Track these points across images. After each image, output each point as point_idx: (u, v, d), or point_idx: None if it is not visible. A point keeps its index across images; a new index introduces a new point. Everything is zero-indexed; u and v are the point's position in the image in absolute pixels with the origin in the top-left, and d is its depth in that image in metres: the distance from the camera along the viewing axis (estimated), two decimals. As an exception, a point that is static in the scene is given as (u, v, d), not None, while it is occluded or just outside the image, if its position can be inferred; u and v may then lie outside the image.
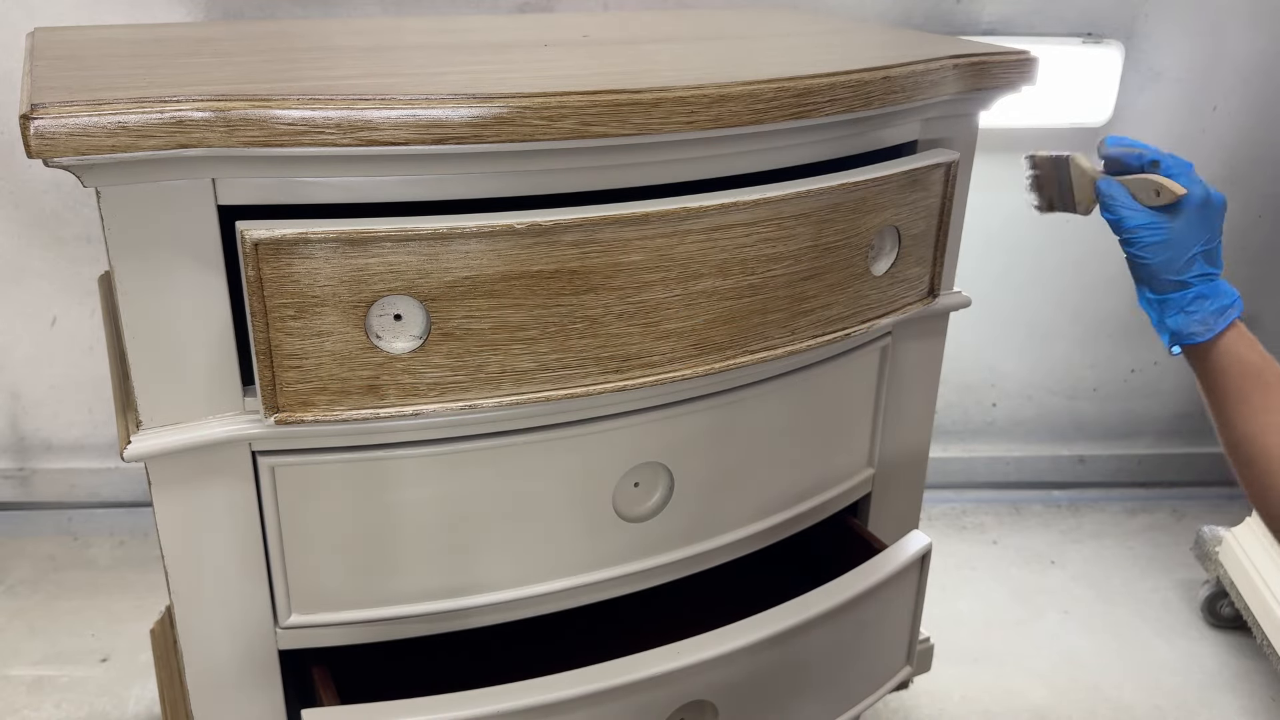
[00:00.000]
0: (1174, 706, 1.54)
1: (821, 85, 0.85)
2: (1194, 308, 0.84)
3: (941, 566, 1.81)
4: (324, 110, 0.72)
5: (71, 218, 1.71)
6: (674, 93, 0.79)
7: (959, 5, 1.75)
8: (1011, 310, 1.97)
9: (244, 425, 0.81)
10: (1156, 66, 1.81)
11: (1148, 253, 0.85)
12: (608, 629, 1.11)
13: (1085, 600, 1.75)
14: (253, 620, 0.88)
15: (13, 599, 1.68)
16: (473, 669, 1.05)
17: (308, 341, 0.77)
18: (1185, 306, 0.85)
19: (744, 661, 0.93)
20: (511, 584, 0.93)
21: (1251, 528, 1.61)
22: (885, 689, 1.10)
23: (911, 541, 1.05)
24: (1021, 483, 2.08)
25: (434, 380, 0.80)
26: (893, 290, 0.99)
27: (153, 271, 0.75)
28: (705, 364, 0.88)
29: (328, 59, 0.90)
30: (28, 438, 1.86)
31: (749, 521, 1.02)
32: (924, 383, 1.14)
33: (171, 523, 0.82)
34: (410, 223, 0.75)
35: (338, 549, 0.87)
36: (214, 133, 0.71)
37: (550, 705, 0.86)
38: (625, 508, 0.94)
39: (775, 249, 0.88)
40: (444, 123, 0.74)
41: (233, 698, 0.90)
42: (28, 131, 0.67)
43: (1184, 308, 0.85)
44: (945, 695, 1.54)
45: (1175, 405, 2.08)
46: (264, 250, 0.73)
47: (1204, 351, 0.85)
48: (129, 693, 1.50)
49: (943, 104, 0.99)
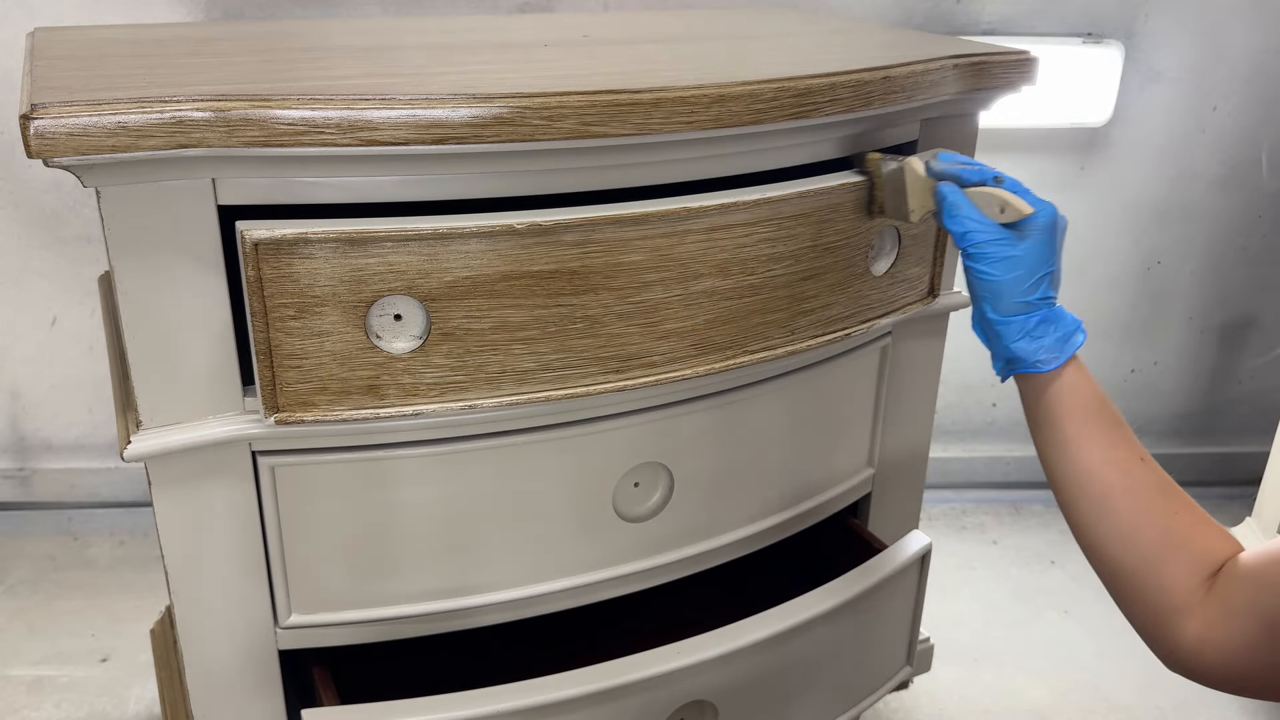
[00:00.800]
0: (1174, 706, 1.54)
1: (821, 85, 0.85)
2: (1040, 332, 0.78)
3: (941, 566, 1.81)
4: (324, 110, 0.72)
5: (71, 218, 1.71)
6: (674, 93, 0.79)
7: (959, 5, 1.75)
8: (1011, 310, 1.97)
9: (244, 425, 0.81)
10: (1156, 66, 1.81)
11: (996, 269, 0.79)
12: (608, 629, 1.11)
13: (1085, 600, 1.75)
14: (253, 620, 0.88)
15: (13, 599, 1.68)
16: (473, 669, 1.05)
17: (308, 341, 0.77)
18: (1031, 331, 0.78)
19: (744, 661, 0.93)
20: (511, 584, 0.93)
21: (1251, 528, 1.60)
22: (885, 689, 1.10)
23: (911, 541, 1.05)
24: (1021, 483, 2.08)
25: (434, 380, 0.80)
26: (893, 290, 0.99)
27: (153, 271, 0.75)
28: (705, 364, 0.88)
29: (328, 59, 0.90)
30: (28, 438, 1.86)
31: (749, 521, 1.02)
32: (924, 383, 1.14)
33: (171, 523, 0.82)
34: (410, 223, 0.75)
35: (338, 549, 0.87)
36: (214, 133, 0.71)
37: (550, 705, 0.86)
38: (625, 508, 0.94)
39: (775, 249, 0.88)
40: (444, 123, 0.74)
41: (233, 698, 0.90)
42: (28, 131, 0.67)
43: (1029, 332, 0.78)
44: (945, 695, 1.54)
45: (1175, 405, 2.08)
46: (264, 250, 0.73)
47: (1044, 381, 0.78)
48: (129, 693, 1.50)
49: (943, 104, 0.99)
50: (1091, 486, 0.76)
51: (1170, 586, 0.72)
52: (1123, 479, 0.75)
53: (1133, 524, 0.74)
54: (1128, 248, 1.95)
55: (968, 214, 0.80)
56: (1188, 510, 0.74)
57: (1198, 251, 1.96)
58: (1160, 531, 0.73)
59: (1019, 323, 0.78)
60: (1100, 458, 0.76)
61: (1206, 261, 1.97)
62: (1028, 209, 0.79)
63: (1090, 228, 1.92)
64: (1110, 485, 0.75)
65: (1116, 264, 1.96)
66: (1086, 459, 0.76)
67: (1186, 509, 0.74)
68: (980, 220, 0.80)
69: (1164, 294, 2.00)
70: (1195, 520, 0.74)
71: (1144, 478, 0.75)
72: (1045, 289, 0.79)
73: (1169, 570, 0.73)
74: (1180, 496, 0.75)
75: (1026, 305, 0.78)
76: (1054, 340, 0.78)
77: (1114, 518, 0.75)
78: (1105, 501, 0.75)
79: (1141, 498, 0.75)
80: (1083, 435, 0.77)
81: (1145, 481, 0.75)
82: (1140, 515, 0.74)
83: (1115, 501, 0.75)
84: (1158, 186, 1.90)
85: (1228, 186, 1.91)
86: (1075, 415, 0.77)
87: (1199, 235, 1.95)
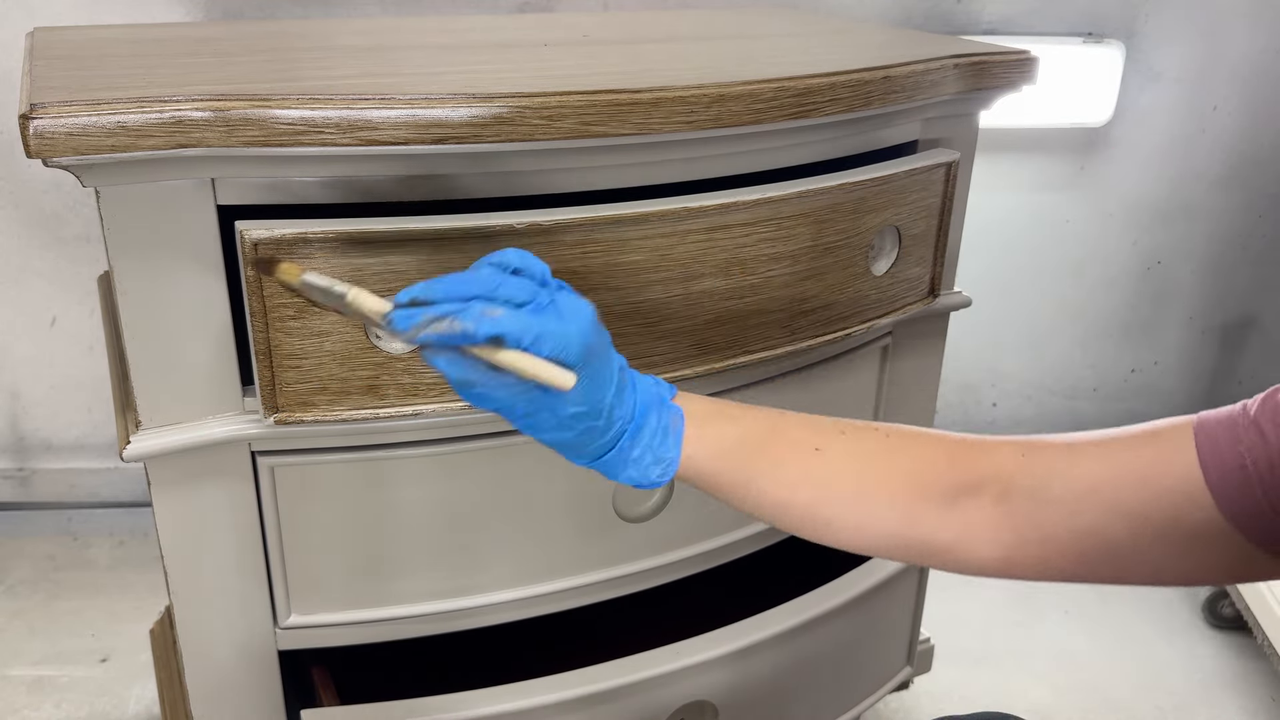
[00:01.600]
0: (1174, 707, 1.54)
1: (821, 85, 0.85)
2: (637, 452, 0.64)
3: (941, 566, 1.81)
4: (324, 110, 0.72)
5: (71, 218, 1.71)
6: (674, 93, 0.79)
7: (959, 5, 1.75)
8: (1011, 310, 1.97)
9: (244, 425, 0.81)
10: (1156, 66, 1.81)
11: (561, 433, 0.62)
12: (608, 629, 1.11)
13: (1085, 600, 1.75)
14: (253, 620, 0.88)
15: (13, 599, 1.68)
16: (473, 669, 1.05)
17: (307, 341, 0.77)
18: (629, 457, 0.64)
19: (744, 661, 0.93)
20: (511, 584, 0.93)
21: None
22: (885, 689, 1.10)
23: (911, 541, 1.05)
24: (1021, 483, 2.08)
25: (434, 380, 0.80)
26: (893, 290, 0.99)
27: (152, 271, 0.75)
28: (705, 364, 0.88)
29: (328, 59, 0.90)
30: (28, 438, 1.86)
31: (749, 521, 1.02)
32: (924, 383, 1.14)
33: (171, 523, 0.82)
34: (410, 223, 0.75)
35: (337, 549, 0.87)
36: (213, 133, 0.71)
37: (550, 705, 0.86)
38: (625, 508, 0.94)
39: (775, 249, 0.88)
40: (444, 123, 0.74)
41: (233, 698, 0.90)
42: (27, 131, 0.67)
43: (628, 459, 0.64)
44: (945, 696, 1.54)
45: (1175, 405, 2.08)
46: (264, 250, 0.73)
47: (681, 472, 0.66)
48: (129, 693, 1.50)
49: (943, 104, 0.99)
50: (790, 512, 0.67)
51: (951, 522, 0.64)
52: (827, 468, 0.66)
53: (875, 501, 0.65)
54: (1127, 248, 1.95)
55: (485, 382, 0.59)
56: (911, 452, 0.66)
57: (1198, 251, 1.96)
58: (903, 487, 0.65)
59: (613, 459, 0.64)
60: (779, 482, 0.66)
61: (1207, 261, 1.97)
62: (569, 380, 0.59)
63: (1090, 228, 1.92)
64: (809, 504, 0.66)
65: (1116, 264, 1.96)
66: (772, 495, 0.66)
67: (908, 452, 0.66)
68: (507, 384, 0.59)
69: (1164, 294, 2.00)
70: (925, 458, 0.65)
71: (846, 453, 0.66)
72: (615, 393, 0.63)
73: (935, 514, 0.64)
74: (902, 439, 0.67)
75: (611, 440, 0.64)
76: (654, 445, 0.65)
77: (831, 521, 0.66)
78: (812, 517, 0.66)
79: (865, 474, 0.66)
80: (749, 481, 0.67)
81: (852, 452, 0.66)
82: (877, 488, 0.65)
83: (822, 510, 0.66)
84: (1158, 186, 1.90)
85: (1228, 186, 1.91)
86: (726, 472, 0.66)
87: (1199, 235, 1.95)
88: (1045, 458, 0.63)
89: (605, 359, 0.62)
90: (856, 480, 0.66)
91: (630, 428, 0.64)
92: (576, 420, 0.62)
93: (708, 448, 0.66)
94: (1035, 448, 0.64)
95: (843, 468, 0.66)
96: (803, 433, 0.67)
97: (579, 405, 0.61)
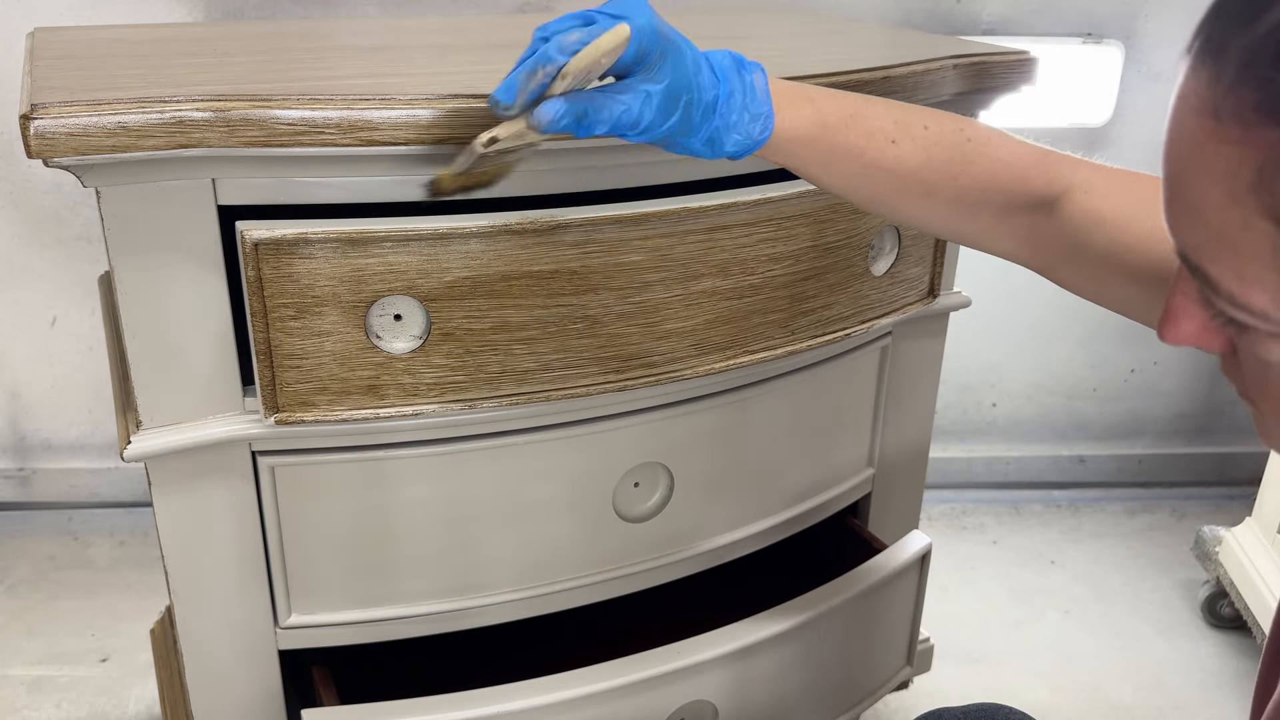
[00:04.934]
0: (1174, 706, 1.54)
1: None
2: (734, 116, 0.68)
3: (941, 566, 1.81)
4: (324, 110, 0.72)
5: (71, 218, 1.71)
6: (674, 93, 0.79)
7: (959, 5, 1.75)
8: (1011, 310, 1.97)
9: (244, 425, 0.81)
10: (1156, 66, 1.81)
11: (668, 118, 0.66)
12: (608, 629, 1.11)
13: (1085, 600, 1.75)
14: (253, 620, 0.88)
15: (13, 599, 1.68)
16: (473, 669, 1.05)
17: (308, 341, 0.77)
18: (729, 122, 0.68)
19: (744, 661, 0.93)
20: (511, 584, 0.93)
21: (1251, 528, 1.60)
22: (885, 689, 1.10)
23: (911, 541, 1.05)
24: (1021, 483, 2.08)
25: (434, 380, 0.80)
26: (893, 290, 0.99)
27: (153, 271, 0.75)
28: (705, 364, 0.88)
29: (328, 59, 0.90)
30: (28, 438, 1.86)
31: (749, 521, 1.02)
32: (924, 383, 1.14)
33: (171, 523, 0.82)
34: (410, 223, 0.75)
35: (338, 549, 0.87)
36: (214, 133, 0.71)
37: (550, 705, 0.86)
38: (625, 508, 0.94)
39: (775, 249, 0.88)
40: (444, 123, 0.74)
41: (233, 698, 0.90)
42: (28, 131, 0.67)
43: (730, 124, 0.68)
44: (945, 695, 1.54)
45: (1175, 405, 2.08)
46: (264, 250, 0.73)
47: (781, 135, 0.70)
48: (129, 693, 1.50)
49: (943, 104, 0.99)
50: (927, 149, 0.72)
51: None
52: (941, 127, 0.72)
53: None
54: (1128, 248, 1.95)
55: (600, 107, 0.64)
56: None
57: (1198, 251, 1.96)
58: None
59: (719, 127, 0.68)
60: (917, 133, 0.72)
61: (1206, 261, 1.97)
62: (622, 34, 0.62)
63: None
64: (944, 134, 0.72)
65: (1116, 264, 1.96)
66: (855, 172, 0.71)
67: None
68: (623, 102, 0.64)
69: (1164, 294, 2.00)
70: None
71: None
72: (707, 71, 0.67)
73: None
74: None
75: (707, 108, 0.68)
76: (748, 106, 0.68)
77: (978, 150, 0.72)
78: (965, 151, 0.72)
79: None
80: (870, 134, 0.71)
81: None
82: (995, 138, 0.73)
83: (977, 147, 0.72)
84: (1158, 186, 1.90)
85: (1228, 186, 1.91)
86: (839, 131, 0.70)
87: (1199, 235, 1.95)
88: (1096, 205, 0.72)
89: (676, 41, 0.66)
90: (923, 184, 0.72)
91: (721, 91, 0.68)
92: (672, 98, 0.65)
93: (789, 126, 0.70)
94: (1095, 193, 0.73)
95: (914, 169, 0.72)
96: (882, 123, 0.71)
97: (666, 79, 0.65)
